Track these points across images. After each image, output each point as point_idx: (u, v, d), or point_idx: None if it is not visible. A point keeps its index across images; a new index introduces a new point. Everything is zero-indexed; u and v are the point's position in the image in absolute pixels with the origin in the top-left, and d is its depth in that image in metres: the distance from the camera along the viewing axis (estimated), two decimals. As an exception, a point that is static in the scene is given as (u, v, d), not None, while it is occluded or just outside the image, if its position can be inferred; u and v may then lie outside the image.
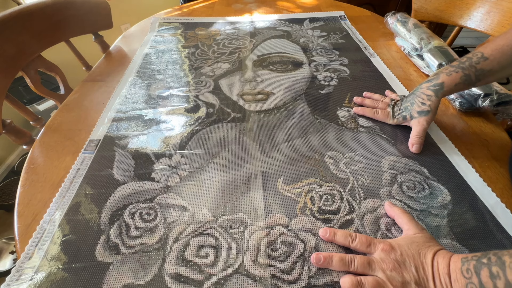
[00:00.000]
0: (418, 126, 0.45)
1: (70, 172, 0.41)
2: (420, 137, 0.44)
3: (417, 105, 0.45)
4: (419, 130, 0.44)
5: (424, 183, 0.39)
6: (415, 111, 0.45)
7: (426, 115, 0.44)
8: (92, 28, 0.76)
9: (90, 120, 0.52)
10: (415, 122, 0.45)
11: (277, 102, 0.54)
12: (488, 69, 0.42)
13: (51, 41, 0.65)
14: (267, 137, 0.46)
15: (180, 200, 0.37)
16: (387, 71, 0.62)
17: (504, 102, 0.47)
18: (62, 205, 0.37)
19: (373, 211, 0.36)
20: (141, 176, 0.40)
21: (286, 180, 0.40)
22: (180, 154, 0.44)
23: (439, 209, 0.36)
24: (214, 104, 0.54)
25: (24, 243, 0.34)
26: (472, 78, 0.43)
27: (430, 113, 0.44)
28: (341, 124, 0.49)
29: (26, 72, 0.61)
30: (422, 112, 0.45)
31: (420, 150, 0.44)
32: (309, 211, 0.36)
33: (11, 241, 1.05)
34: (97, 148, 0.45)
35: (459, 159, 0.42)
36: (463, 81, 0.43)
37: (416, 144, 0.44)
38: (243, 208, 0.36)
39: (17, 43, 0.56)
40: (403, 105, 0.48)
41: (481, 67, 0.42)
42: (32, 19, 0.59)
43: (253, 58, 0.67)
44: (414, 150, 0.44)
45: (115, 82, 0.62)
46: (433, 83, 0.45)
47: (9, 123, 0.54)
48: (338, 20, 0.84)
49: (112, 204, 0.37)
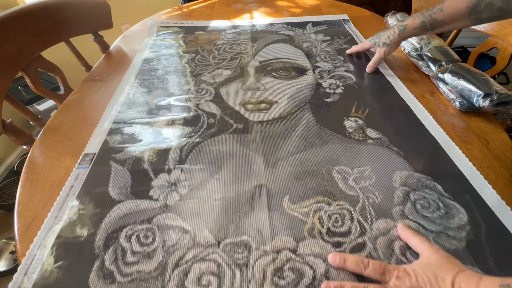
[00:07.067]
0: (377, 54, 0.60)
1: (63, 190, 0.39)
2: (376, 63, 0.60)
3: (385, 37, 0.59)
4: (377, 58, 0.60)
5: (439, 201, 0.36)
6: (382, 41, 0.59)
7: (386, 47, 0.58)
8: (92, 28, 0.75)
9: (90, 120, 0.51)
10: (378, 50, 0.60)
11: (281, 112, 0.51)
12: (440, 20, 0.50)
13: (51, 41, 0.65)
14: (271, 150, 0.44)
15: (180, 221, 0.35)
16: (394, 76, 0.60)
17: (504, 102, 0.47)
18: (54, 227, 0.35)
19: (386, 233, 0.33)
20: (139, 193, 0.38)
21: (293, 198, 0.37)
22: (180, 169, 0.41)
23: (456, 230, 0.33)
24: (215, 114, 0.51)
25: (24, 243, 0.33)
26: (427, 25, 0.52)
27: (389, 46, 0.58)
28: (348, 136, 0.46)
29: (26, 72, 0.61)
30: (385, 43, 0.58)
31: (372, 71, 0.60)
32: (318, 233, 0.34)
33: (11, 241, 1.05)
34: (92, 162, 0.43)
35: (473, 173, 0.40)
36: (419, 26, 0.53)
37: (371, 67, 0.60)
38: (247, 229, 0.34)
39: (17, 43, 0.56)
40: (378, 33, 0.62)
41: (435, 17, 0.50)
42: (32, 19, 0.59)
43: (255, 64, 0.65)
44: (368, 70, 0.61)
45: (115, 82, 0.62)
46: (402, 24, 0.56)
47: (9, 123, 0.54)
48: (341, 24, 0.82)
49: (107, 225, 0.35)
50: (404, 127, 0.48)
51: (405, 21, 0.55)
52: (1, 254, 1.01)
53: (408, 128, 0.48)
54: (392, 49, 0.58)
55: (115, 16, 0.81)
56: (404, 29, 0.55)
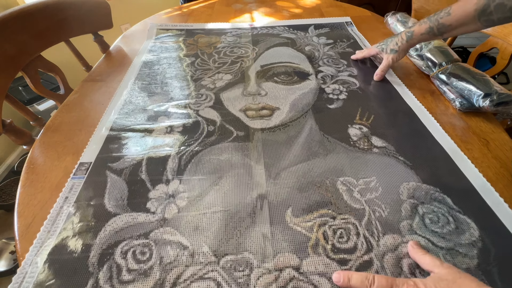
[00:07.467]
0: (385, 61, 0.58)
1: (57, 201, 0.38)
2: (384, 71, 0.58)
3: (393, 44, 0.57)
4: (385, 65, 0.57)
5: (448, 215, 0.35)
6: (389, 47, 0.57)
7: (394, 54, 0.56)
8: (92, 28, 0.75)
9: (90, 120, 0.51)
10: (385, 56, 0.58)
11: (283, 119, 0.50)
12: (447, 24, 0.48)
13: (51, 41, 0.65)
14: (273, 159, 0.43)
15: (178, 235, 0.34)
16: (398, 82, 0.58)
17: (504, 102, 0.47)
18: (47, 242, 0.33)
19: (393, 249, 0.32)
20: (135, 206, 0.37)
21: (296, 211, 0.36)
22: (179, 180, 0.40)
23: (467, 247, 0.32)
24: (215, 121, 0.50)
25: (24, 243, 0.33)
26: (435, 30, 0.50)
27: (397, 53, 0.56)
28: (353, 144, 0.45)
29: (26, 72, 0.60)
30: (393, 50, 0.57)
31: (379, 79, 0.58)
32: (322, 249, 0.32)
33: (11, 241, 1.05)
34: (88, 172, 0.41)
35: (483, 185, 0.38)
36: (427, 32, 0.51)
37: (378, 75, 0.58)
38: (249, 245, 0.33)
39: (17, 43, 0.56)
40: (386, 40, 0.60)
41: (442, 22, 0.48)
42: (32, 19, 0.58)
43: (256, 69, 0.63)
44: (375, 78, 0.58)
45: (115, 82, 0.61)
46: (409, 30, 0.54)
47: (9, 123, 0.54)
48: (344, 27, 0.81)
49: (102, 240, 0.33)
50: (410, 135, 0.46)
51: (412, 27, 0.53)
52: (1, 254, 1.01)
53: (414, 136, 0.46)
54: (400, 56, 0.57)
55: (115, 16, 0.81)
56: (412, 36, 0.53)
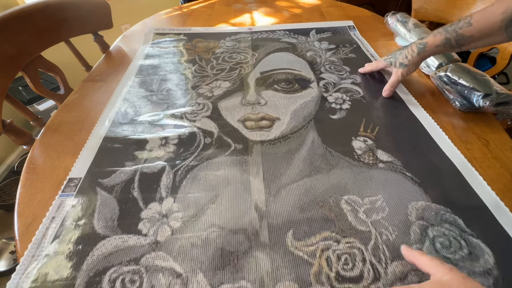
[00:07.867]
0: (394, 76, 0.53)
1: (43, 222, 0.35)
2: (393, 86, 0.53)
3: (402, 57, 0.52)
4: (394, 80, 0.53)
5: (460, 238, 0.33)
6: (398, 61, 0.53)
7: (403, 68, 0.52)
8: (92, 28, 0.74)
9: (90, 120, 0.51)
10: (394, 71, 0.54)
11: (284, 130, 0.48)
12: (468, 36, 0.43)
13: (51, 41, 0.64)
14: (274, 175, 0.40)
15: (171, 261, 0.31)
16: (405, 91, 0.56)
17: (504, 102, 0.46)
18: (30, 267, 0.31)
19: (403, 278, 0.30)
20: (126, 227, 0.34)
21: (297, 234, 0.34)
22: (173, 198, 0.37)
23: (482, 276, 0.30)
24: (212, 132, 0.47)
25: (24, 243, 0.33)
26: (452, 42, 0.45)
27: (407, 67, 0.51)
28: (357, 159, 0.42)
29: (26, 72, 0.60)
30: (402, 64, 0.52)
31: (388, 96, 0.53)
32: (326, 278, 0.30)
33: (11, 241, 1.05)
34: (77, 189, 0.39)
35: (497, 204, 0.36)
36: (443, 44, 0.46)
37: (387, 91, 0.53)
38: (246, 273, 0.30)
39: (17, 43, 0.56)
40: (394, 52, 0.56)
41: (462, 32, 0.43)
42: (32, 19, 0.58)
43: (256, 76, 0.61)
44: (384, 95, 0.54)
45: (115, 82, 0.61)
46: (421, 41, 0.49)
47: (9, 123, 0.54)
48: (346, 31, 0.78)
49: (89, 267, 0.31)
50: (418, 148, 0.44)
51: (425, 39, 0.49)
52: (1, 254, 1.02)
53: (421, 149, 0.44)
54: (411, 70, 0.52)
55: (115, 16, 0.80)
56: (424, 48, 0.48)
